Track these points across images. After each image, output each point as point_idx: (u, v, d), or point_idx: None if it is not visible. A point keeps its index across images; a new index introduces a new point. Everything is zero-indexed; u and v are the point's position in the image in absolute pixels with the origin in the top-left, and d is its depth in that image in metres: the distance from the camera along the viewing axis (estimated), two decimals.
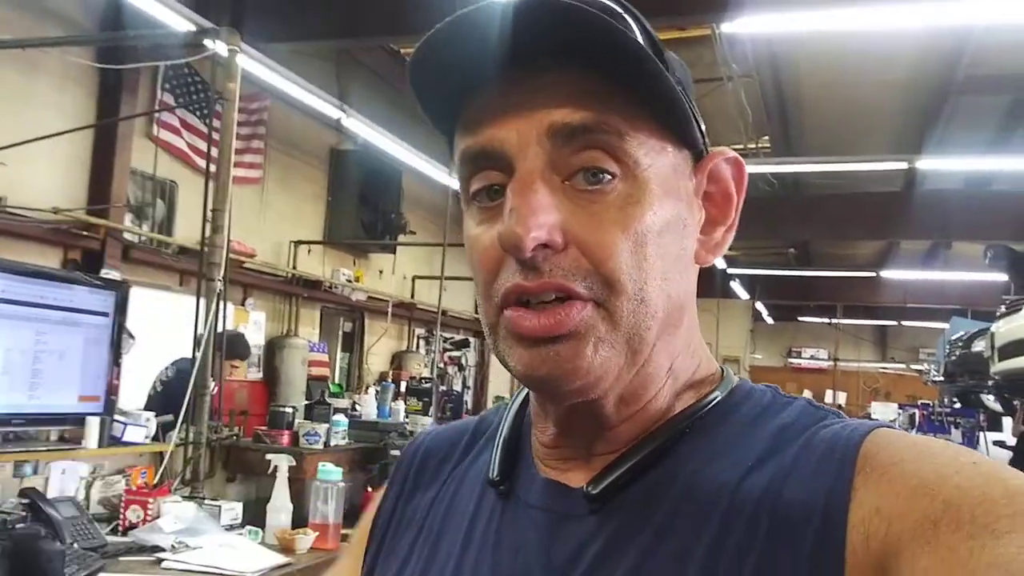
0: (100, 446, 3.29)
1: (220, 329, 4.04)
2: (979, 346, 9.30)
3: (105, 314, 3.42)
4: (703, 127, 0.67)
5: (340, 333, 10.58)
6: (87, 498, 3.21)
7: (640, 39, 0.60)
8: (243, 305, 8.45)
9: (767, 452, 0.61)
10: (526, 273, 0.59)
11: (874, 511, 0.53)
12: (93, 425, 3.27)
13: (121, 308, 3.51)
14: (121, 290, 3.55)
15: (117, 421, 3.44)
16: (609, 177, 0.60)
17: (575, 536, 0.63)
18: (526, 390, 0.73)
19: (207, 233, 3.69)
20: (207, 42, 4.13)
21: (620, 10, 0.62)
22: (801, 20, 5.83)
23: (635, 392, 0.64)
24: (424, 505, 0.77)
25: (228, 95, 3.70)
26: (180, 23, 4.70)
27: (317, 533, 3.19)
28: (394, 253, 10.61)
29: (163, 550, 2.87)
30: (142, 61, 5.73)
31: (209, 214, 3.68)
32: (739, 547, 0.56)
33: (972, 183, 11.32)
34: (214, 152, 3.90)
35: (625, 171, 0.60)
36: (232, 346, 5.55)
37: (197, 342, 3.80)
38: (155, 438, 3.65)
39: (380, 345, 10.87)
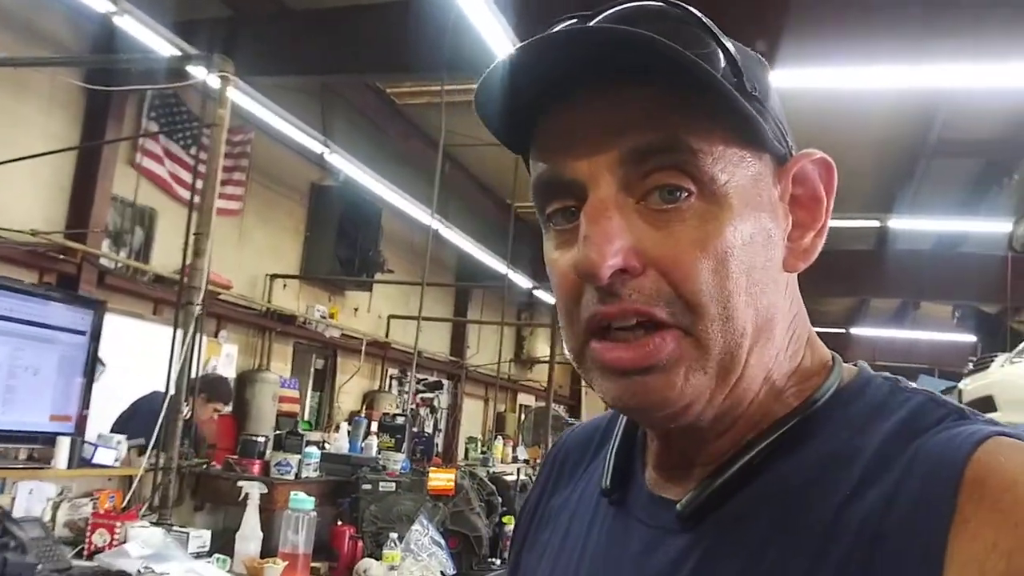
0: (70, 467, 3.24)
1: (198, 354, 4.01)
2: None
3: (82, 332, 3.39)
4: (785, 129, 0.65)
5: (312, 370, 10.49)
6: (53, 520, 3.15)
7: (711, 45, 0.60)
8: (216, 337, 8.38)
9: (871, 469, 0.57)
10: (604, 298, 0.58)
11: (991, 547, 0.49)
12: (63, 445, 3.22)
13: (97, 328, 3.47)
14: (99, 309, 3.52)
15: (88, 443, 3.39)
16: (685, 194, 0.59)
17: (670, 552, 0.62)
18: None
19: (189, 257, 3.68)
20: (197, 69, 4.15)
21: (685, 18, 0.61)
22: (779, 79, 5.97)
23: (731, 407, 0.63)
24: (560, 503, 0.79)
25: (218, 121, 3.71)
26: (171, 51, 4.73)
27: (287, 563, 3.15)
28: (370, 291, 10.59)
29: (129, 575, 2.82)
30: (132, 86, 5.72)
31: (191, 238, 3.66)
32: None
33: (942, 244, 11.53)
34: (198, 181, 3.90)
35: (701, 187, 0.59)
36: (217, 390, 5.61)
37: (180, 368, 3.77)
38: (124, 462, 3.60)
39: (352, 384, 10.78)
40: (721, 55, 0.60)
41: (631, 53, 0.57)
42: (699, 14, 0.62)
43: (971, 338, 12.17)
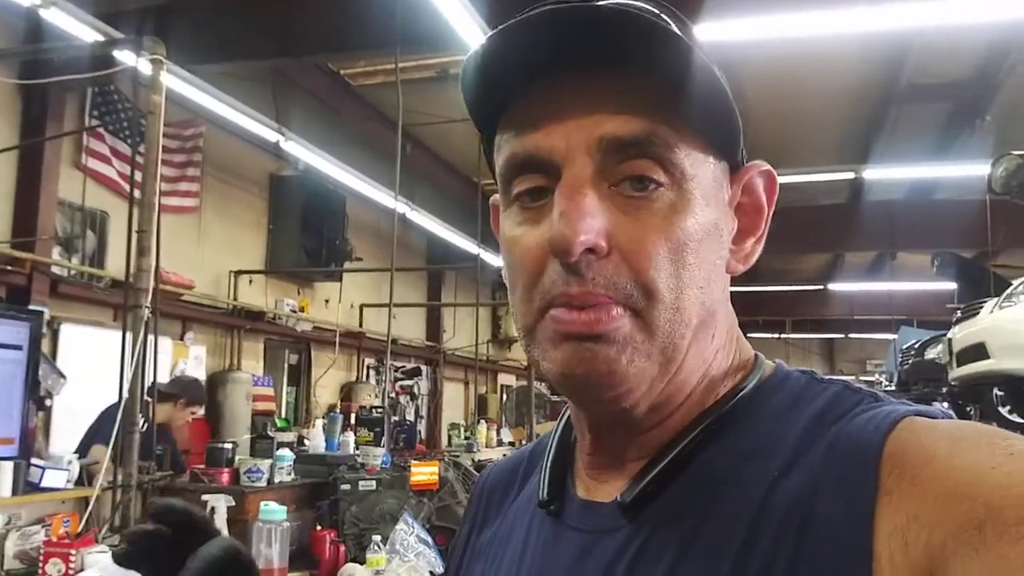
0: (15, 494, 2.98)
1: (153, 358, 3.75)
2: (932, 353, 9.29)
3: (18, 347, 3.11)
4: (740, 136, 0.67)
5: (286, 366, 10.25)
6: (1, 552, 2.90)
7: (690, 43, 0.59)
8: (182, 339, 8.11)
9: (796, 451, 0.59)
10: (569, 279, 0.60)
11: (911, 518, 0.51)
12: (6, 470, 2.97)
13: (36, 340, 3.20)
14: (35, 321, 3.24)
15: (34, 465, 3.13)
16: (655, 185, 0.60)
17: (607, 552, 0.63)
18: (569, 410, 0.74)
19: (132, 257, 3.41)
20: (127, 53, 3.86)
21: (669, 18, 0.62)
22: (746, 27, 5.77)
23: (667, 399, 0.64)
24: (490, 536, 0.79)
25: (153, 109, 3.44)
26: (100, 39, 4.43)
27: None
28: (340, 281, 10.31)
29: None
30: (60, 76, 5.41)
31: (134, 236, 3.40)
32: (766, 560, 0.55)
33: (916, 192, 11.43)
34: (137, 174, 3.62)
35: (672, 180, 0.61)
36: (192, 392, 5.43)
37: (130, 375, 3.51)
38: (79, 482, 3.34)
39: (328, 377, 10.55)
40: (699, 55, 0.60)
41: (621, 38, 0.58)
42: (681, 16, 0.64)
43: (950, 286, 12.10)
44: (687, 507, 0.61)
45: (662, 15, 0.62)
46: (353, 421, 6.35)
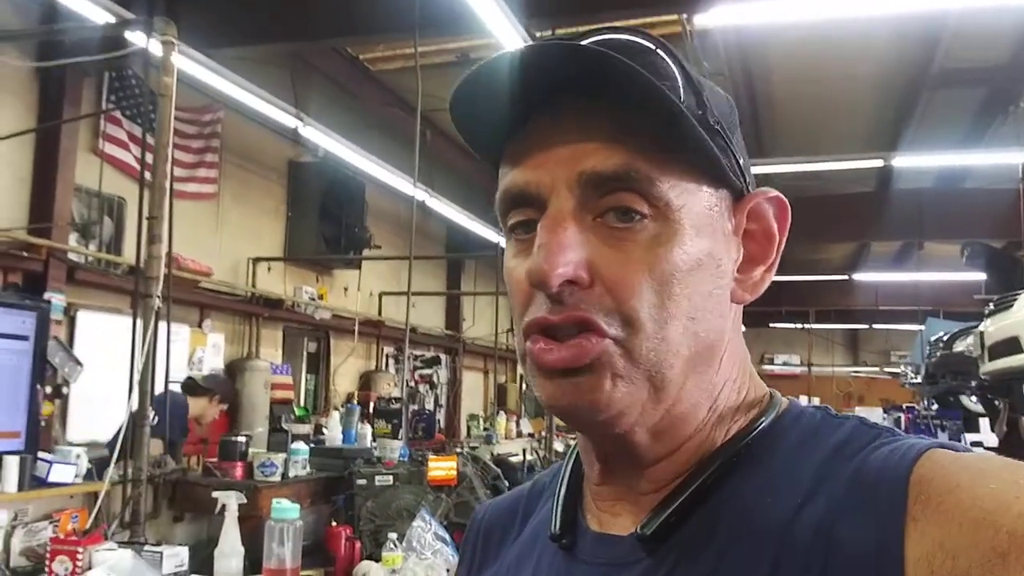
0: (21, 489, 2.90)
1: (166, 348, 3.66)
2: (961, 346, 9.10)
3: (25, 338, 3.02)
4: (746, 165, 0.67)
5: (304, 354, 10.19)
6: (6, 550, 2.82)
7: (677, 77, 0.62)
8: (200, 327, 8.05)
9: (818, 482, 0.60)
10: (552, 307, 0.60)
11: (937, 546, 0.51)
12: (11, 465, 2.88)
13: (43, 330, 3.11)
14: (42, 310, 3.15)
15: (41, 460, 3.04)
16: (639, 217, 0.61)
17: None
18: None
19: (143, 244, 3.32)
20: (139, 35, 3.75)
21: (655, 47, 0.64)
22: (774, 9, 5.61)
23: (669, 429, 0.64)
24: None
25: (164, 91, 3.33)
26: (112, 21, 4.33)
27: None
28: (359, 269, 10.22)
29: None
30: (78, 63, 5.32)
31: (145, 223, 3.30)
32: None
33: (945, 180, 11.20)
34: (148, 156, 3.53)
35: (656, 212, 0.61)
36: (225, 389, 5.74)
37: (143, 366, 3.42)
38: (89, 476, 3.26)
39: (347, 365, 10.48)
40: (684, 88, 0.62)
41: (599, 77, 0.59)
42: (670, 48, 0.64)
43: (979, 277, 11.86)
44: (708, 540, 0.60)
45: (648, 49, 0.63)
46: (371, 411, 6.26)
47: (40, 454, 3.12)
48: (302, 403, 9.74)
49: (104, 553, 2.76)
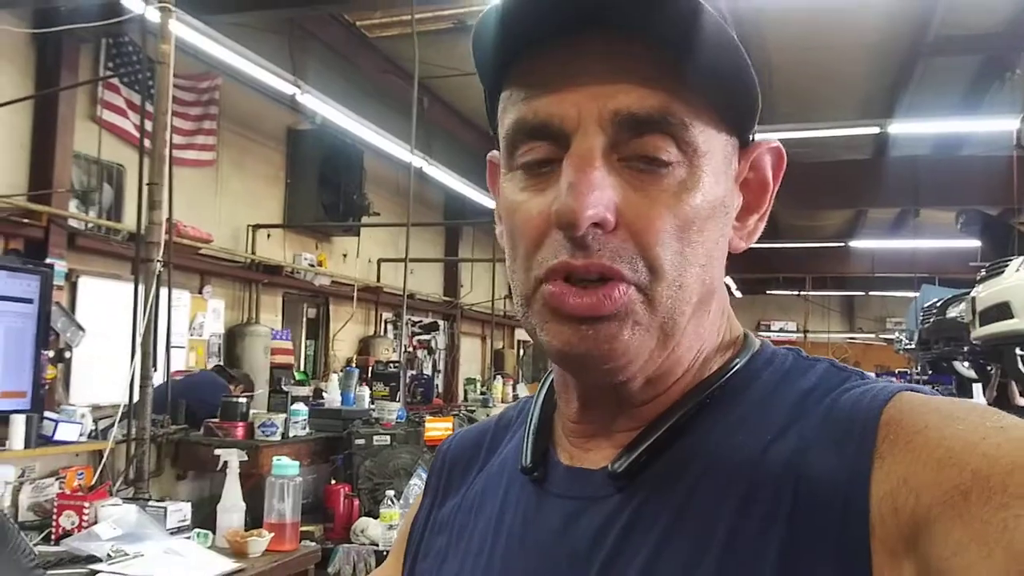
0: (28, 447, 2.99)
1: (167, 313, 3.73)
2: (954, 312, 9.18)
3: (29, 301, 3.09)
4: (756, 113, 0.65)
5: (304, 319, 10.27)
6: (15, 504, 2.91)
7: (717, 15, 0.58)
8: (200, 293, 8.12)
9: (789, 420, 0.60)
10: (574, 251, 0.58)
11: (901, 482, 0.52)
12: (19, 423, 2.97)
13: (47, 294, 3.18)
14: (45, 274, 3.22)
15: (47, 419, 3.13)
16: (668, 161, 0.59)
17: (596, 519, 0.63)
18: (551, 377, 0.73)
19: (144, 211, 3.38)
20: (136, 1, 3.79)
21: None
22: None
23: (664, 374, 0.64)
24: (454, 508, 0.77)
25: (162, 58, 3.38)
26: None
27: (273, 534, 2.92)
28: (358, 235, 10.28)
29: (99, 560, 2.58)
30: (75, 29, 5.34)
31: (145, 189, 3.36)
32: (762, 521, 0.56)
33: (941, 147, 11.21)
34: (147, 123, 3.58)
35: (684, 157, 0.59)
36: (247, 382, 6.07)
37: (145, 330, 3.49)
38: (93, 435, 3.35)
39: (346, 331, 10.56)
40: (723, 28, 0.58)
41: (645, 4, 0.56)
42: None
43: (974, 244, 11.92)
44: (680, 476, 0.61)
45: None
46: (369, 375, 6.36)
47: (47, 414, 3.21)
48: (302, 368, 9.84)
49: (109, 508, 2.86)
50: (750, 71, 0.60)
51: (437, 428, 4.16)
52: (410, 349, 11.04)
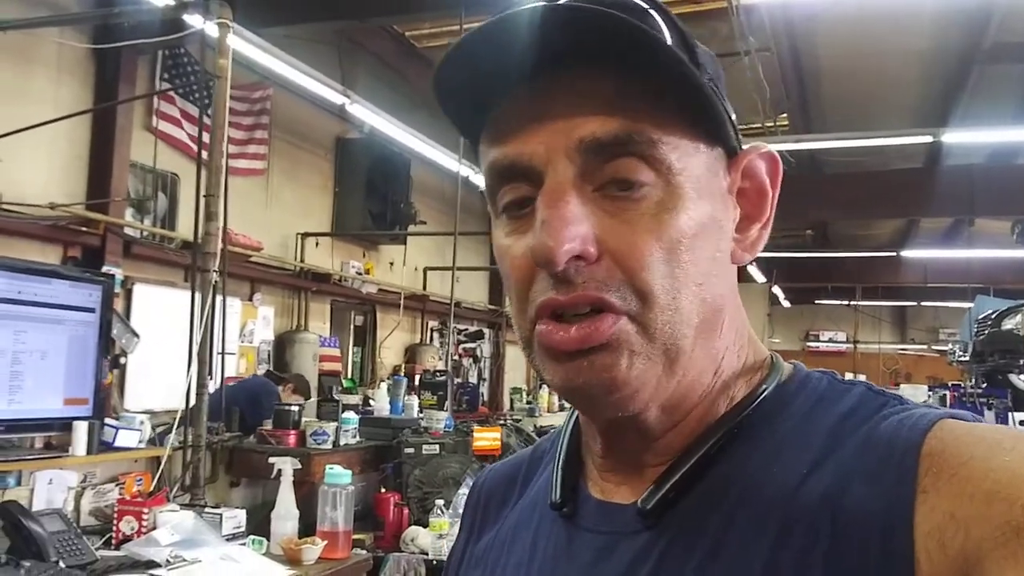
0: (89, 453, 3.06)
1: (222, 321, 3.80)
2: (1010, 324, 8.97)
3: (91, 310, 3.17)
4: (734, 121, 0.64)
5: (352, 327, 10.37)
6: (77, 509, 2.98)
7: (669, 38, 0.59)
8: (251, 300, 8.24)
9: (825, 450, 0.58)
10: (558, 287, 0.58)
11: (948, 517, 0.50)
12: (81, 430, 3.04)
13: (108, 303, 3.26)
14: (107, 283, 3.30)
15: (108, 425, 3.20)
16: (642, 183, 0.58)
17: (627, 554, 0.61)
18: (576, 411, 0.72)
19: (201, 221, 3.45)
20: (196, 17, 3.87)
21: (647, 6, 0.60)
22: None
23: (678, 401, 0.62)
24: (489, 543, 0.77)
25: (220, 72, 3.44)
26: (170, 3, 4.46)
27: (326, 542, 2.96)
28: (404, 244, 10.35)
29: (158, 565, 2.64)
30: (134, 45, 5.48)
31: (202, 201, 3.43)
32: (800, 556, 0.54)
33: (997, 157, 10.99)
34: (205, 136, 3.65)
35: (658, 177, 0.58)
36: (300, 383, 6.44)
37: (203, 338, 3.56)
38: (153, 442, 3.42)
39: (393, 338, 10.64)
40: (679, 46, 0.59)
41: (594, 35, 0.56)
42: (660, 5, 0.61)
43: None
44: (712, 509, 0.59)
45: (641, 8, 0.59)
46: (417, 384, 6.40)
47: (107, 420, 3.28)
48: (349, 375, 9.94)
49: (167, 514, 2.91)
50: (703, 87, 0.59)
51: (485, 438, 4.18)
52: (456, 357, 11.08)
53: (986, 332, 9.74)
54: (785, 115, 10.29)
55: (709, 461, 0.61)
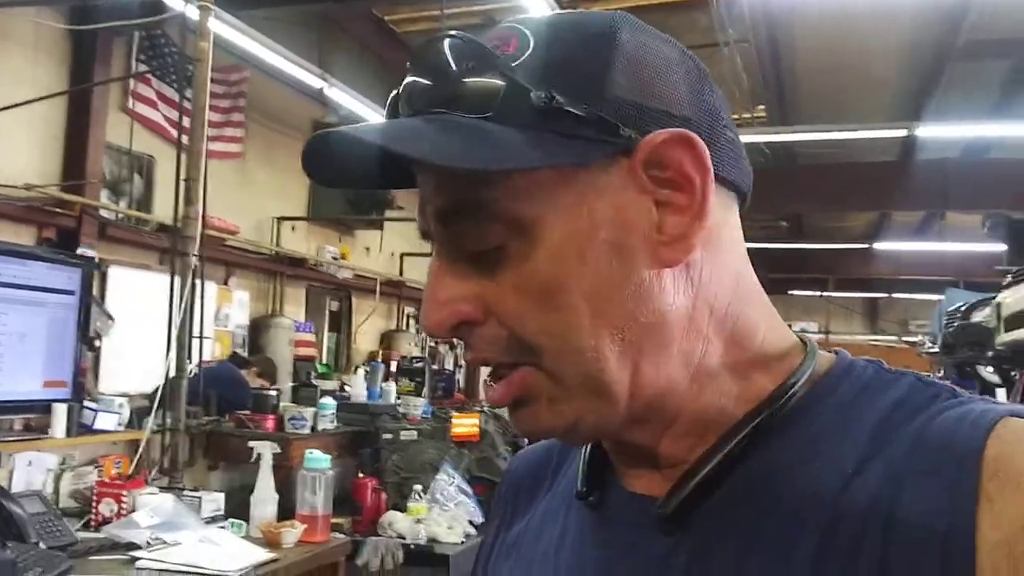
0: (68, 435, 3.05)
1: (200, 304, 3.79)
2: (978, 317, 9.10)
3: (70, 292, 3.15)
4: (631, 112, 0.55)
5: (327, 312, 10.35)
6: (56, 491, 2.98)
7: (500, 80, 0.55)
8: (226, 284, 8.21)
9: (872, 446, 0.54)
10: (464, 349, 0.60)
11: (1019, 529, 0.46)
12: (60, 412, 3.03)
13: (88, 286, 3.24)
14: (87, 266, 3.28)
15: (87, 408, 3.19)
16: (495, 244, 0.56)
17: (656, 548, 0.59)
18: None
19: (180, 205, 3.43)
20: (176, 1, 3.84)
21: (459, 68, 0.57)
22: None
23: (651, 413, 0.59)
24: (520, 531, 0.76)
25: (201, 55, 3.43)
26: None
27: (305, 526, 2.97)
28: (381, 229, 10.35)
29: (138, 547, 2.64)
30: (113, 27, 5.43)
31: (182, 185, 3.42)
32: (846, 564, 0.50)
33: (970, 151, 11.13)
34: (188, 122, 3.63)
35: (509, 230, 0.55)
36: (266, 367, 6.37)
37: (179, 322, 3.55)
38: (130, 425, 3.41)
39: (369, 324, 10.64)
40: (505, 84, 0.55)
41: (379, 157, 0.56)
42: (520, 30, 0.58)
43: (1000, 248, 11.83)
44: (748, 501, 0.56)
45: (479, 52, 0.56)
46: (394, 370, 6.41)
47: (86, 403, 3.27)
48: (324, 360, 9.93)
49: (147, 497, 2.91)
50: (597, 77, 0.55)
51: (464, 424, 4.20)
52: (432, 344, 11.09)
53: (956, 324, 9.89)
54: (763, 107, 10.36)
55: (736, 458, 0.57)
